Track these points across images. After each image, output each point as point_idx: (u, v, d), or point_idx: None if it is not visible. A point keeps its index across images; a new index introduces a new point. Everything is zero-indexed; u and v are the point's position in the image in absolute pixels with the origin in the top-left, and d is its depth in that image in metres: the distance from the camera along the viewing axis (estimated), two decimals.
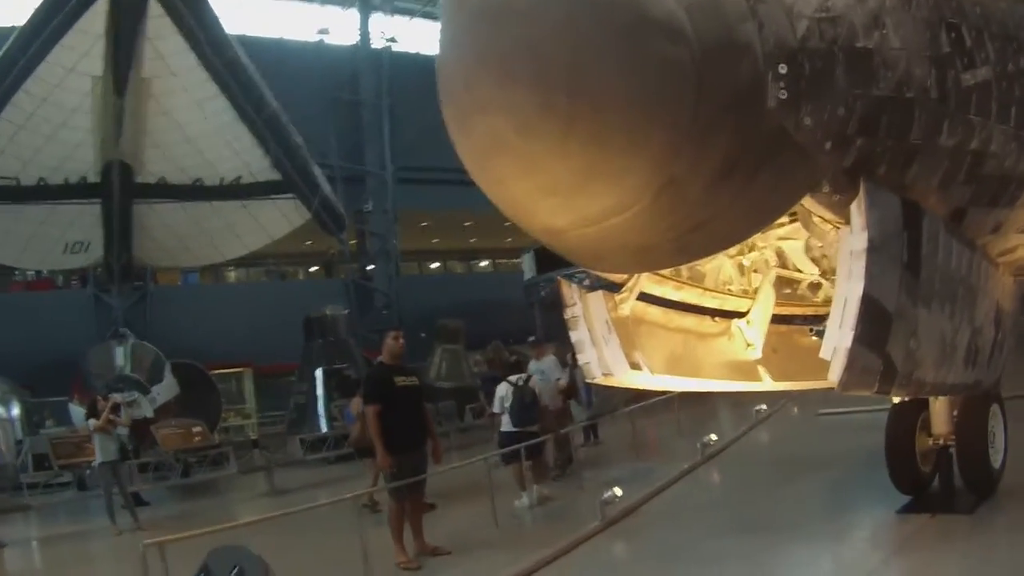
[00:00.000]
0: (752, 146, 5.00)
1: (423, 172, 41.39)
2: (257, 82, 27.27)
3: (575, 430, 17.21)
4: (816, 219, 6.67)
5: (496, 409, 13.60)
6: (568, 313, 7.94)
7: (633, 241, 5.35)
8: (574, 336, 7.92)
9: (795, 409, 19.42)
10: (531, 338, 18.21)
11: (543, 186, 5.01)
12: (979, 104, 6.13)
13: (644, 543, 10.17)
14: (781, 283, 9.09)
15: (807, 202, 6.04)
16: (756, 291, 9.01)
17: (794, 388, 9.93)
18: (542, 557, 9.32)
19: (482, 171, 5.30)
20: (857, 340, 5.60)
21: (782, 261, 8.98)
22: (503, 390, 13.39)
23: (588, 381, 8.39)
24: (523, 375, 13.70)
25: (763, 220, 5.81)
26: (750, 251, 8.98)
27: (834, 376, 5.69)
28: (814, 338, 7.78)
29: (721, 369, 8.68)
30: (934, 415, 9.10)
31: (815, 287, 9.21)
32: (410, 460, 10.12)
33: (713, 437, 15.16)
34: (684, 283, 8.51)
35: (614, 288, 7.90)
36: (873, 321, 5.66)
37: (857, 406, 16.87)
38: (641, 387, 8.51)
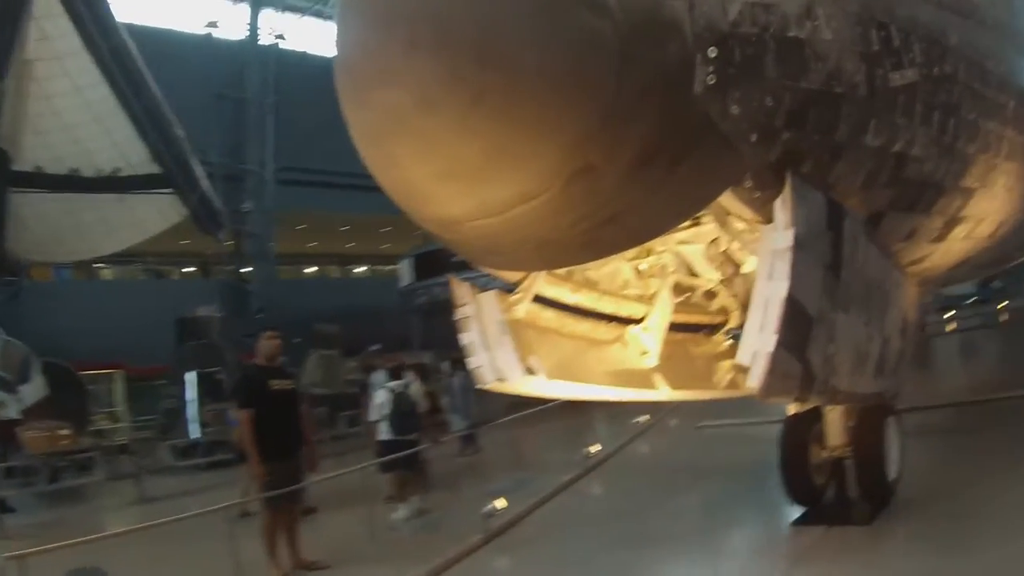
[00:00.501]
0: (675, 133, 4.62)
1: (304, 173, 40.46)
2: (142, 72, 25.89)
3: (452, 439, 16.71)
4: (732, 217, 6.32)
5: (374, 417, 12.85)
6: (460, 314, 7.34)
7: (537, 234, 4.89)
8: (465, 338, 7.32)
9: (674, 421, 19.17)
10: (374, 347, 17.46)
11: (443, 169, 4.55)
12: (905, 106, 5.97)
13: (528, 557, 9.65)
14: (677, 290, 8.71)
15: (725, 198, 5.65)
16: (653, 297, 8.60)
17: (692, 397, 9.61)
18: (423, 572, 8.73)
19: (376, 151, 4.81)
20: (780, 344, 5.27)
21: (681, 266, 8.62)
22: (381, 397, 12.73)
23: (477, 387, 7.67)
24: (402, 382, 13.04)
25: (681, 215, 5.45)
26: (648, 255, 8.58)
27: (755, 382, 5.38)
28: (729, 343, 7.36)
29: (615, 377, 8.19)
30: (829, 427, 8.87)
31: (710, 295, 8.92)
32: (285, 468, 9.37)
33: (595, 448, 14.72)
34: (581, 285, 8.02)
35: (508, 288, 7.40)
36: (795, 324, 5.36)
37: (737, 418, 16.98)
38: (534, 394, 7.97)
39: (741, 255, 7.92)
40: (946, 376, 17.23)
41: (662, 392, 8.52)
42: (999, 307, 31.94)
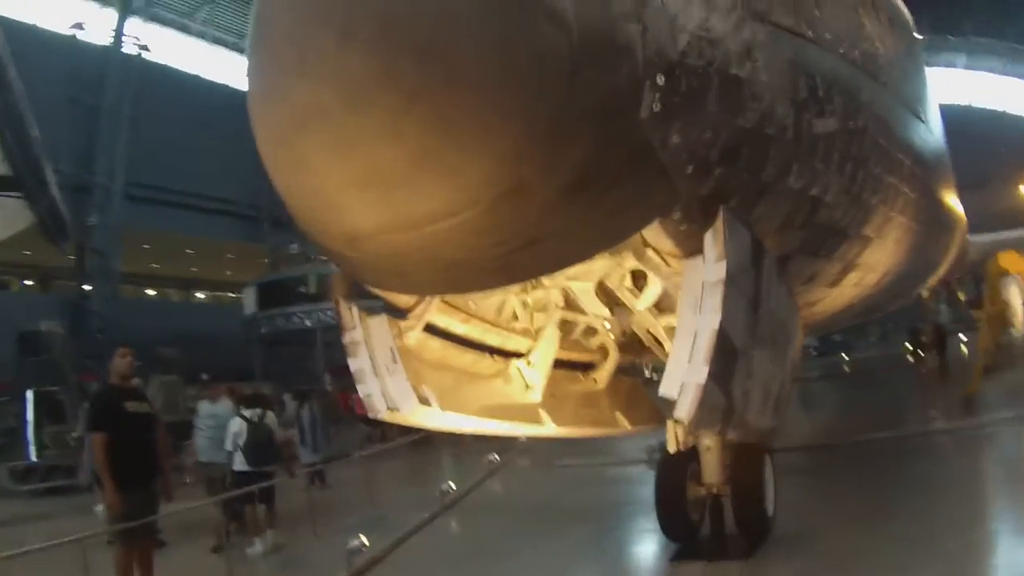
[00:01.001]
0: (614, 158, 4.39)
1: (155, 191, 38.83)
2: (5, 64, 23.84)
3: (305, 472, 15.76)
4: (650, 250, 6.14)
5: (228, 447, 11.98)
6: (347, 338, 6.81)
7: (452, 254, 4.54)
8: (353, 364, 6.79)
9: (524, 461, 18.88)
10: (203, 376, 16.55)
11: (361, 175, 4.12)
12: (824, 153, 6.06)
13: None
14: (562, 326, 8.55)
15: (649, 229, 5.44)
16: (538, 332, 8.37)
17: (574, 435, 9.35)
18: None
19: (283, 152, 4.35)
20: (711, 376, 5.16)
21: (568, 302, 8.41)
22: (236, 426, 11.93)
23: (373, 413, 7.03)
24: (259, 410, 12.19)
25: (606, 242, 5.14)
26: (534, 288, 8.28)
27: (683, 413, 5.27)
28: (652, 376, 7.11)
29: (496, 411, 7.84)
30: (706, 465, 8.80)
31: (591, 333, 8.86)
32: (140, 497, 8.63)
33: (452, 485, 14.21)
34: (471, 316, 7.68)
35: (399, 314, 6.94)
36: (724, 357, 5.28)
37: (593, 459, 16.83)
38: (424, 425, 7.51)
39: (629, 295, 7.80)
40: (800, 421, 17.55)
41: (547, 428, 8.26)
42: (844, 357, 33.53)
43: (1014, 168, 42.95)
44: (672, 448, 8.52)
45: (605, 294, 8.00)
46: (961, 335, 28.53)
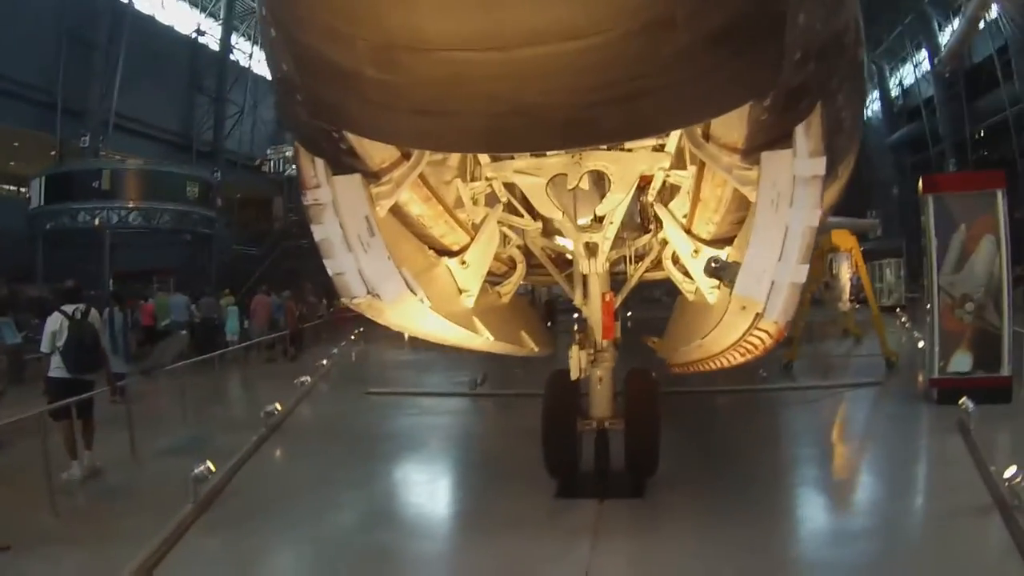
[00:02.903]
0: (755, 20, 3.34)
1: None
2: None
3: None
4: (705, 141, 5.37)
5: (45, 348, 9.83)
6: (310, 198, 5.28)
7: (535, 92, 3.29)
8: (319, 232, 5.32)
9: (324, 385, 17.81)
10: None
11: None
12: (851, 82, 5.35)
13: (258, 531, 7.76)
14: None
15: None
16: (476, 227, 7.44)
17: (502, 350, 8.41)
18: (142, 560, 6.53)
19: None
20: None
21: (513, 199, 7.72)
22: (55, 324, 9.75)
23: (347, 299, 5.51)
24: (81, 306, 10.06)
25: (713, 110, 4.10)
26: (473, 180, 7.45)
27: (776, 314, 4.84)
28: (708, 274, 6.06)
29: (449, 315, 6.58)
30: (597, 397, 8.38)
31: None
32: None
33: (278, 407, 12.79)
34: (433, 194, 6.56)
35: (371, 177, 5.43)
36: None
37: (404, 387, 16.51)
38: (401, 324, 6.21)
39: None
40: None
41: (483, 339, 7.41)
42: None
43: None
44: (575, 375, 8.06)
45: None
46: None
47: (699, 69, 3.32)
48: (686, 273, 8.52)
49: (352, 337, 26.14)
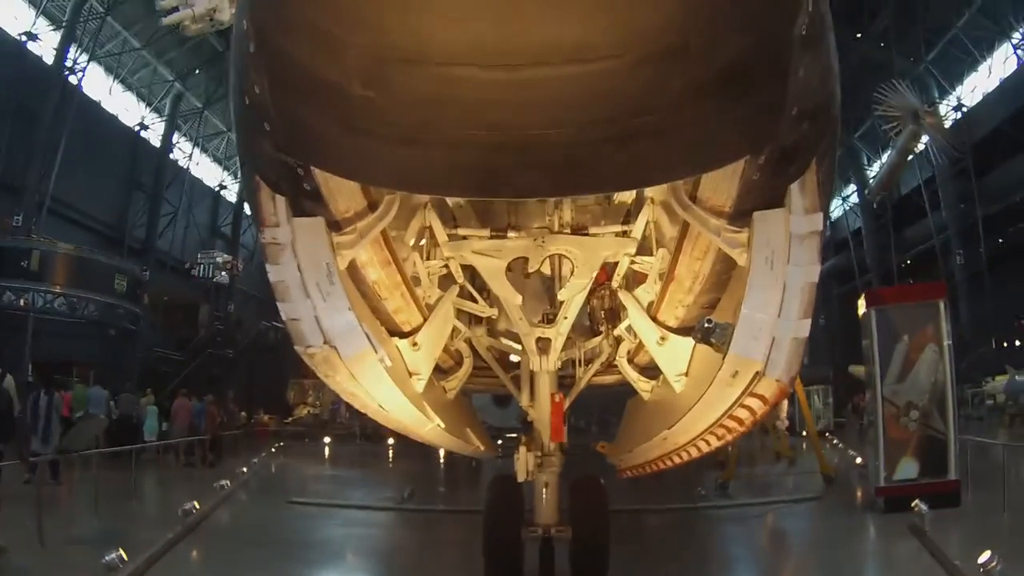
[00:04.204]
0: (761, 62, 3.31)
1: None
2: None
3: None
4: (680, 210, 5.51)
5: None
6: (267, 236, 4.97)
7: (535, 119, 3.15)
8: (275, 274, 5.05)
9: (242, 494, 17.07)
10: None
11: None
12: None
13: None
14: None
15: (710, 177, 4.91)
16: (430, 308, 7.25)
17: (448, 445, 8.13)
18: None
19: None
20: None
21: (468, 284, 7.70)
22: None
23: (301, 348, 5.23)
24: None
25: (712, 161, 4.03)
26: (429, 259, 7.34)
27: (780, 371, 4.89)
28: (697, 339, 5.93)
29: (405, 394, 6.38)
30: (543, 502, 8.02)
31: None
32: None
33: (196, 505, 12.19)
34: (394, 259, 6.33)
35: (333, 225, 5.17)
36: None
37: (327, 499, 15.70)
38: (354, 392, 5.90)
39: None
40: None
41: (430, 427, 7.16)
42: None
43: None
44: (522, 477, 7.86)
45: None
46: None
47: (704, 110, 3.30)
48: (641, 371, 8.49)
49: (273, 450, 25.54)
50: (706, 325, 5.61)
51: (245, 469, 19.41)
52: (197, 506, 12.20)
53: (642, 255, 7.37)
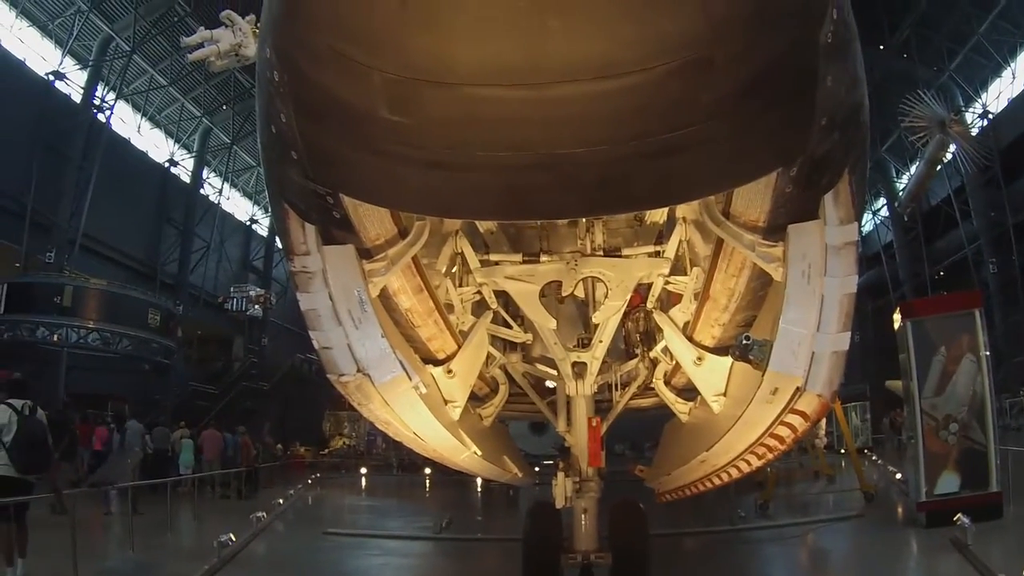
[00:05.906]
0: (787, 73, 3.23)
1: None
2: None
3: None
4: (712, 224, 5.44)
5: None
6: (298, 264, 5.00)
7: (560, 138, 3.08)
8: (306, 302, 5.07)
9: (280, 525, 17.03)
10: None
11: None
12: None
13: None
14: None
15: (742, 191, 4.82)
16: (464, 335, 7.23)
17: (486, 472, 8.03)
18: None
19: None
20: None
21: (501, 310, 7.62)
22: (3, 417, 9.13)
23: (334, 376, 5.25)
24: (28, 402, 9.41)
25: (744, 175, 3.96)
26: (462, 285, 7.30)
27: (820, 385, 4.84)
28: (735, 356, 5.84)
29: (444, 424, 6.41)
30: (582, 529, 7.87)
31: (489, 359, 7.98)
32: None
33: (232, 537, 12.12)
34: (426, 286, 6.27)
35: (363, 253, 5.17)
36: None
37: (364, 529, 15.62)
38: (388, 420, 5.88)
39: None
40: None
41: (468, 455, 7.19)
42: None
43: None
44: (560, 504, 7.73)
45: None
46: None
47: (733, 123, 3.23)
48: (679, 393, 8.36)
49: (309, 481, 25.54)
50: (744, 342, 5.51)
51: (281, 500, 19.34)
52: (233, 538, 12.15)
53: (676, 275, 7.30)
